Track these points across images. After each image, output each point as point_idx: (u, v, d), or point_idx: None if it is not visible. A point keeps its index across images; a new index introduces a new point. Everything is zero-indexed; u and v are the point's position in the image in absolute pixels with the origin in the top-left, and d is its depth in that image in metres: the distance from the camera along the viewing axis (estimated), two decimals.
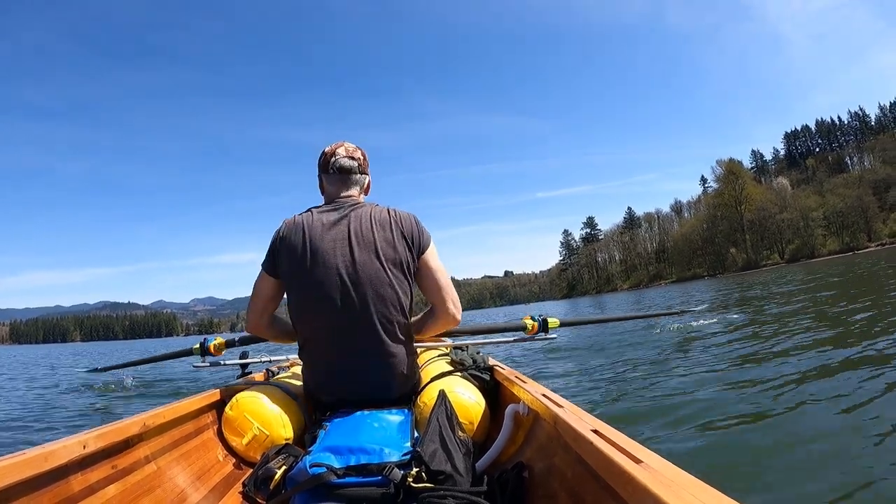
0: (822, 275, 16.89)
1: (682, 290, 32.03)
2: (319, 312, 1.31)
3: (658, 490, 0.56)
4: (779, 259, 74.07)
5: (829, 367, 3.16)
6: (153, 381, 6.19)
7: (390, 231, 1.35)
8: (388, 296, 1.31)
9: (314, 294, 1.30)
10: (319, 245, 1.31)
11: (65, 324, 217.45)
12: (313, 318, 1.33)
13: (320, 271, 1.30)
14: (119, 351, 27.00)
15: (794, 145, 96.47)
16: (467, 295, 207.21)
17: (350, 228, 1.34)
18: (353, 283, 1.29)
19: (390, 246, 1.34)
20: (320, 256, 1.31)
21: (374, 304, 1.30)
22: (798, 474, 1.74)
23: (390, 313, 1.32)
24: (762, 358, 3.77)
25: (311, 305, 1.32)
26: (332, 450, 1.09)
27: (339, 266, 1.29)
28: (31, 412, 4.58)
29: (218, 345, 2.07)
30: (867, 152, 78.35)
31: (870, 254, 46.77)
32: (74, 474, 0.95)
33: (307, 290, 1.32)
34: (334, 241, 1.32)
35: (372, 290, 1.29)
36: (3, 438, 3.33)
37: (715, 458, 1.99)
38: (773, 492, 1.63)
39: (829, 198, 72.38)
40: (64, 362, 15.01)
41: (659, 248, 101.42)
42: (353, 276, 1.29)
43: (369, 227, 1.34)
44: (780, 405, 2.51)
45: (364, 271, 1.30)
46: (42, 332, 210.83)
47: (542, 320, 1.98)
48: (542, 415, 1.09)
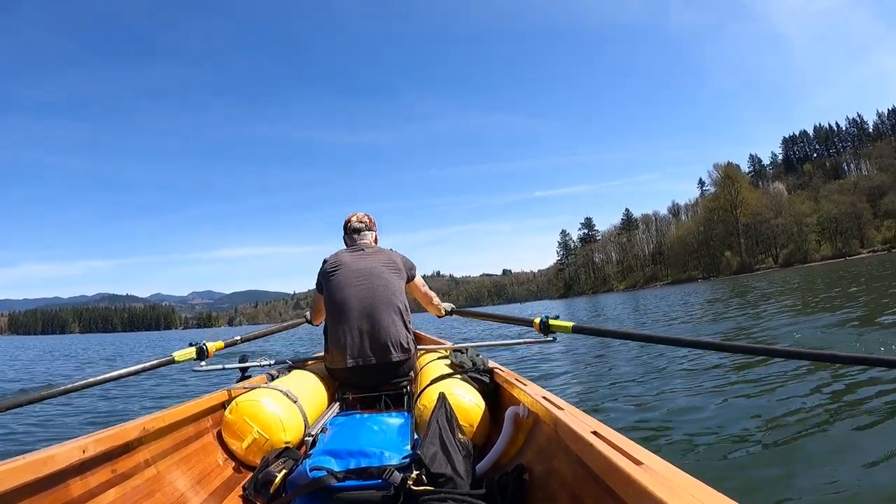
0: (792, 281, 16.96)
1: (677, 291, 32.16)
2: (346, 309, 1.86)
3: (659, 492, 0.56)
4: (772, 263, 74.58)
5: (834, 372, 3.13)
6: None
7: (391, 263, 2.02)
8: (391, 293, 1.92)
9: (344, 298, 1.88)
10: (349, 272, 1.95)
11: (64, 315, 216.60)
12: (343, 312, 1.87)
13: (349, 287, 1.91)
14: (118, 343, 26.81)
15: (792, 150, 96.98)
16: (465, 293, 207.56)
17: (367, 264, 1.97)
18: (369, 290, 1.90)
19: (392, 270, 1.99)
20: (349, 278, 1.93)
21: (382, 296, 1.89)
22: (799, 475, 1.74)
23: (394, 303, 1.90)
24: (764, 362, 3.74)
25: (341, 305, 1.88)
26: (331, 453, 1.10)
27: (360, 284, 1.91)
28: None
29: (215, 348, 2.01)
30: (864, 159, 78.88)
31: (860, 260, 47.13)
32: (74, 479, 0.95)
33: (341, 298, 1.90)
34: (359, 270, 1.95)
35: (382, 288, 1.91)
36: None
37: (716, 460, 1.99)
38: (775, 494, 1.63)
39: (823, 204, 72.87)
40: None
41: (655, 250, 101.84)
42: (369, 287, 1.91)
43: (378, 262, 1.99)
44: (782, 408, 2.51)
45: (376, 282, 1.92)
46: (41, 323, 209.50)
47: (545, 321, 1.98)
48: (542, 417, 1.10)
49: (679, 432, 2.37)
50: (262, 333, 2.80)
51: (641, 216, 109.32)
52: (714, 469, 1.89)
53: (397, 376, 1.87)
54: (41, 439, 3.33)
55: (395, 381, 1.86)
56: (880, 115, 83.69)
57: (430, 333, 3.39)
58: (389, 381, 1.86)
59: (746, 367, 3.65)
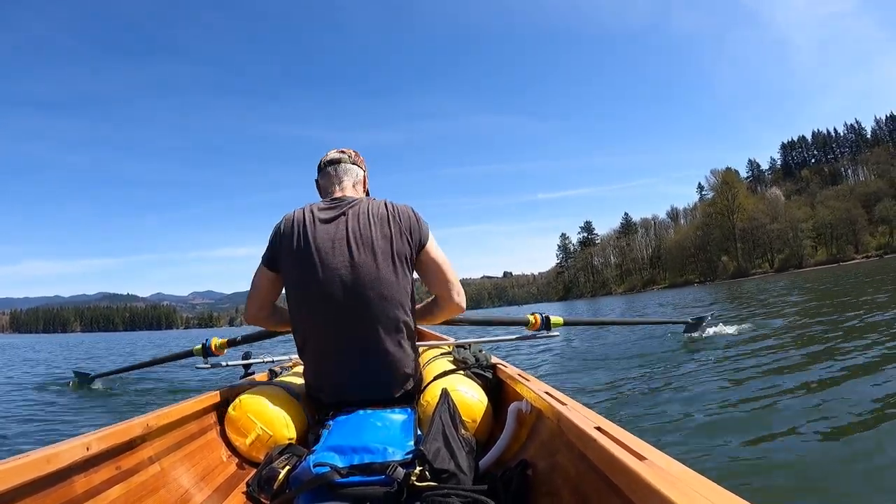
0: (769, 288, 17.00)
1: (673, 295, 32.12)
2: (319, 312, 1.30)
3: (663, 487, 0.56)
4: (768, 268, 74.87)
5: (837, 370, 3.10)
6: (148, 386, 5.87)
7: (388, 226, 1.32)
8: (389, 295, 1.30)
9: (314, 293, 1.29)
10: (319, 244, 1.30)
11: (65, 314, 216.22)
12: (312, 318, 1.32)
13: (319, 271, 1.28)
14: (122, 342, 26.49)
15: (790, 156, 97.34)
16: (466, 295, 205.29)
17: (348, 227, 1.31)
18: (353, 283, 1.27)
19: (389, 242, 1.31)
20: (319, 255, 1.29)
21: (374, 304, 1.28)
22: (804, 473, 1.73)
23: (392, 312, 1.30)
24: (769, 360, 3.71)
25: (311, 305, 1.31)
26: (335, 449, 1.09)
27: (339, 266, 1.28)
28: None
29: (220, 344, 2.04)
30: (861, 165, 79.25)
31: (855, 265, 47.20)
32: (78, 476, 0.94)
33: (306, 288, 1.30)
34: (333, 240, 1.30)
35: (373, 291, 1.28)
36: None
37: (721, 455, 1.97)
38: (780, 490, 1.63)
39: (819, 210, 73.37)
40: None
41: (654, 253, 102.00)
42: (354, 275, 1.28)
43: (367, 224, 1.32)
44: (787, 405, 2.49)
45: (364, 270, 1.28)
46: (42, 321, 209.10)
47: (546, 318, 1.98)
48: (545, 412, 1.09)
49: (683, 427, 2.35)
50: (266, 334, 2.78)
51: (640, 220, 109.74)
52: (719, 464, 1.87)
53: (396, 399, 1.36)
54: (40, 440, 3.33)
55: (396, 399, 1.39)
56: (878, 122, 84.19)
57: (431, 329, 3.38)
58: (387, 404, 1.35)
59: (755, 367, 3.57)
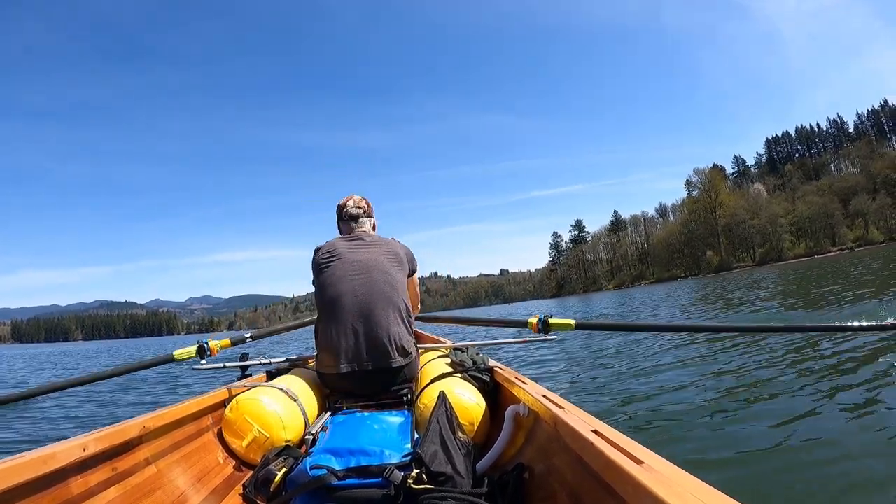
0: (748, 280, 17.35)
1: (658, 289, 32.39)
2: (340, 293, 1.70)
3: (660, 491, 0.57)
4: (750, 262, 76.35)
5: (837, 371, 3.12)
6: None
7: (393, 255, 1.83)
8: (394, 284, 1.75)
9: (337, 276, 1.72)
10: (345, 264, 1.75)
11: (66, 323, 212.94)
12: (335, 297, 1.70)
13: (346, 281, 1.72)
14: (126, 350, 25.52)
15: (775, 151, 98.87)
16: (463, 293, 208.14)
17: (368, 253, 1.79)
18: (369, 269, 1.74)
19: (394, 264, 1.80)
20: (346, 272, 1.73)
21: (383, 299, 1.70)
22: (801, 476, 1.74)
23: (395, 299, 1.73)
24: (765, 363, 3.70)
25: (335, 287, 1.71)
26: (332, 451, 1.10)
27: (359, 258, 1.75)
28: None
29: (217, 346, 2.03)
30: (844, 158, 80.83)
31: (831, 257, 48.13)
32: (74, 477, 0.95)
33: (332, 271, 1.74)
34: (356, 262, 1.75)
35: (384, 296, 1.71)
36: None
37: (719, 459, 1.98)
38: (777, 494, 1.64)
39: (798, 204, 74.97)
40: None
41: (642, 249, 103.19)
42: (369, 266, 1.75)
43: (380, 251, 1.81)
44: (785, 408, 2.51)
45: (377, 265, 1.76)
46: (44, 331, 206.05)
47: (544, 321, 1.98)
48: (543, 416, 1.10)
49: (680, 431, 2.37)
50: (274, 331, 2.76)
51: (630, 217, 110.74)
52: (716, 469, 1.87)
53: (396, 383, 1.69)
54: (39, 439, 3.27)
55: (395, 388, 1.69)
56: (860, 116, 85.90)
57: (429, 332, 3.39)
58: (388, 388, 1.68)
59: (751, 371, 3.54)
